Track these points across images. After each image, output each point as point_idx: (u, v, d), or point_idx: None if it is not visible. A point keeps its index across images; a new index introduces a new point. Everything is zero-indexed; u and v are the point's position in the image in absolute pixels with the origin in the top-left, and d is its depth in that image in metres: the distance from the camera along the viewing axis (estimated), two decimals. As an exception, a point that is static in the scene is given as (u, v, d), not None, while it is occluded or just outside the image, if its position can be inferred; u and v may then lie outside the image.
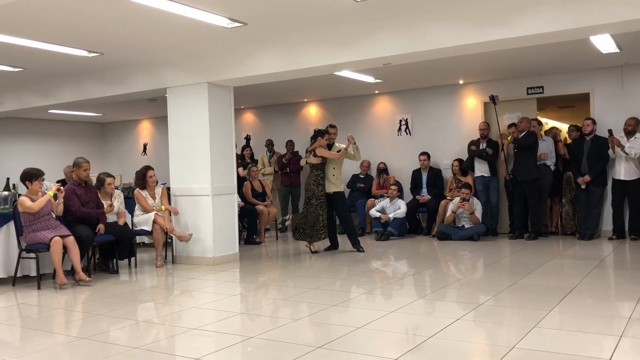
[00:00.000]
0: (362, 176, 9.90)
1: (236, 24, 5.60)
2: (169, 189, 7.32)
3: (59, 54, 6.55)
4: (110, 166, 12.95)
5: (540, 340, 3.47)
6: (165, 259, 7.15)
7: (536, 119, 8.57)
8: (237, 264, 6.91)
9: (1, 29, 5.57)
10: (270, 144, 10.69)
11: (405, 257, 7.21)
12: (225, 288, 5.64)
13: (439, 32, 5.31)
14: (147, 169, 7.21)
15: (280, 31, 6.04)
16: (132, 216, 7.14)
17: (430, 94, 9.68)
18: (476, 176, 8.81)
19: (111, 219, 6.58)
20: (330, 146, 7.53)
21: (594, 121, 8.04)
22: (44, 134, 12.83)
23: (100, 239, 6.25)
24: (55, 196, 5.83)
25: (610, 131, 7.70)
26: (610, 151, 7.84)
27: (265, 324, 4.13)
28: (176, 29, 5.78)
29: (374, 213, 8.90)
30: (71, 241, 5.72)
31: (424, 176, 9.32)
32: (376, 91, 10.00)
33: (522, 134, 8.06)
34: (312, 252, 7.48)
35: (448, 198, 8.84)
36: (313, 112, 10.93)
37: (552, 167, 8.29)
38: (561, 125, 10.87)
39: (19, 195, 6.04)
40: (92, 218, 6.23)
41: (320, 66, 6.09)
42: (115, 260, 6.53)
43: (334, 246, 7.69)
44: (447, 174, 9.35)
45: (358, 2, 5.10)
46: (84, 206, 6.18)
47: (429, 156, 9.30)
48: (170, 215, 6.99)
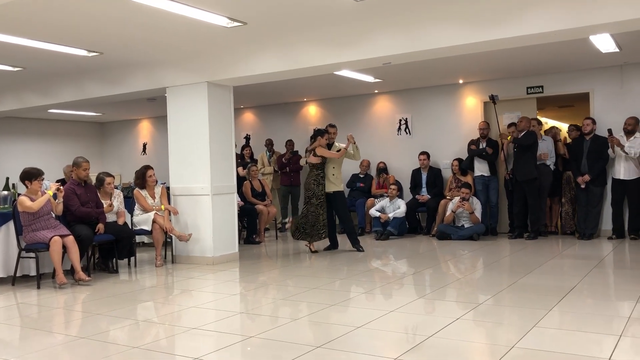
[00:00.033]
0: (361, 176, 9.90)
1: (236, 24, 5.60)
2: (168, 188, 7.32)
3: (59, 53, 6.55)
4: (110, 166, 12.94)
5: (540, 340, 3.48)
6: (165, 258, 7.15)
7: (536, 119, 8.57)
8: (237, 263, 6.91)
9: (1, 28, 5.57)
10: (269, 144, 10.69)
11: (404, 256, 7.22)
12: (225, 287, 5.64)
13: (438, 32, 5.31)
14: (146, 168, 7.21)
15: (279, 31, 6.04)
16: (132, 216, 7.14)
17: (430, 93, 9.67)
18: (476, 176, 8.81)
19: (111, 218, 6.58)
20: (330, 146, 7.53)
21: (593, 121, 8.04)
22: (43, 133, 12.82)
23: (100, 238, 6.25)
24: (54, 196, 5.83)
25: (610, 131, 7.70)
26: (610, 151, 7.85)
27: (264, 323, 4.14)
28: (176, 28, 5.78)
29: (373, 212, 8.90)
30: (71, 241, 5.72)
31: (424, 176, 9.32)
32: (376, 91, 10.00)
33: (522, 134, 8.06)
34: (312, 251, 7.48)
35: (448, 198, 8.84)
36: (313, 112, 10.93)
37: (552, 167, 8.29)
38: (561, 124, 10.86)
39: (19, 194, 6.04)
40: (91, 217, 6.23)
41: (319, 66, 6.09)
42: (114, 259, 6.53)
43: (333, 246, 7.69)
44: (447, 174, 9.34)
45: (357, 2, 5.10)
46: (83, 206, 6.18)
47: (428, 156, 9.30)
48: (169, 214, 7.00)
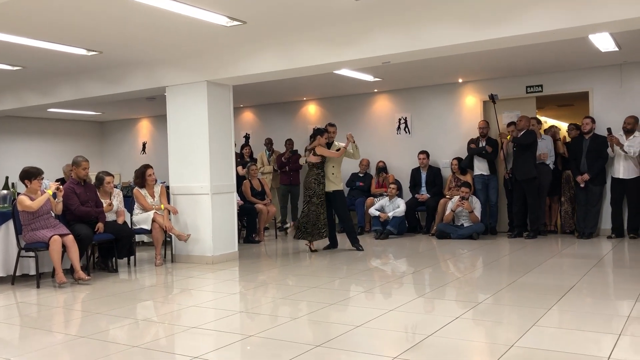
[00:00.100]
0: (361, 175, 9.90)
1: (235, 23, 5.60)
2: (168, 187, 7.32)
3: (58, 52, 6.55)
4: (110, 165, 12.94)
5: (539, 339, 3.48)
6: (165, 257, 7.15)
7: (535, 118, 8.57)
8: (237, 262, 6.91)
9: (0, 27, 5.57)
10: (269, 143, 10.69)
11: (404, 255, 7.22)
12: (225, 287, 5.64)
13: (438, 31, 5.31)
14: (146, 167, 7.21)
15: (279, 30, 6.03)
16: (131, 215, 7.14)
17: (430, 92, 9.67)
18: (475, 175, 8.81)
19: (110, 217, 6.59)
20: (329, 145, 7.53)
21: (593, 120, 8.04)
22: (43, 132, 12.81)
23: (100, 237, 6.25)
24: (54, 195, 5.83)
25: (609, 130, 7.70)
26: (610, 150, 7.85)
27: (264, 322, 4.14)
28: (175, 27, 5.78)
29: (373, 212, 8.90)
30: (70, 240, 5.72)
31: (423, 175, 9.32)
32: (375, 90, 10.00)
33: (521, 133, 8.06)
34: (312, 250, 7.49)
35: (447, 197, 8.84)
36: (312, 111, 10.93)
37: (551, 166, 8.29)
38: (560, 124, 10.86)
39: (18, 194, 6.04)
40: (91, 217, 6.24)
41: (319, 65, 6.09)
42: (114, 259, 6.53)
43: (333, 245, 7.69)
44: (447, 173, 9.35)
45: (357, 1, 5.09)
46: (83, 205, 6.18)
47: (428, 155, 9.30)
48: (169, 214, 7.00)
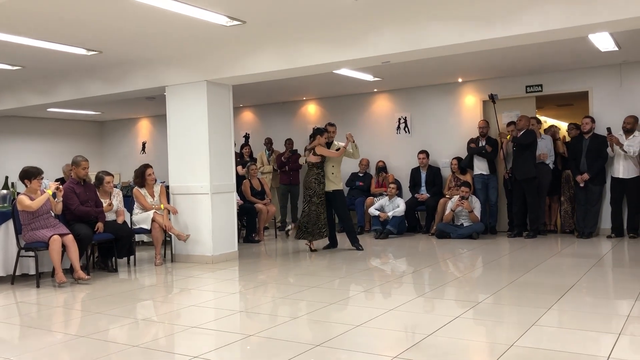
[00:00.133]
0: (361, 174, 9.90)
1: (235, 22, 5.60)
2: (167, 187, 7.32)
3: (58, 52, 6.55)
4: (109, 164, 12.93)
5: (539, 338, 3.48)
6: (164, 257, 7.15)
7: (535, 117, 8.57)
8: (236, 262, 6.91)
9: (0, 27, 5.57)
10: (269, 143, 10.69)
11: (404, 255, 7.22)
12: (224, 286, 5.64)
13: (437, 31, 5.31)
14: (145, 167, 7.21)
15: (279, 29, 6.03)
16: (131, 215, 7.14)
17: (429, 92, 9.67)
18: (475, 174, 8.81)
19: (110, 217, 6.59)
20: (329, 144, 7.53)
21: (592, 119, 8.04)
22: (42, 132, 12.81)
23: (99, 237, 6.25)
24: (54, 195, 5.83)
25: (609, 129, 7.70)
26: (609, 149, 7.85)
27: (264, 322, 4.14)
28: (175, 27, 5.78)
29: (372, 211, 8.90)
30: (70, 239, 5.72)
31: (423, 174, 9.32)
32: (375, 89, 9.99)
33: (521, 133, 8.06)
34: (312, 250, 7.49)
35: (447, 196, 8.84)
36: (312, 111, 10.92)
37: (551, 166, 8.29)
38: (560, 123, 10.87)
39: (18, 193, 6.04)
40: (91, 216, 6.23)
41: (318, 64, 6.08)
42: (114, 258, 6.53)
43: (332, 244, 7.69)
44: (446, 173, 9.35)
45: (357, 0, 5.09)
46: (82, 205, 6.18)
47: (427, 154, 9.30)
48: (169, 213, 7.00)
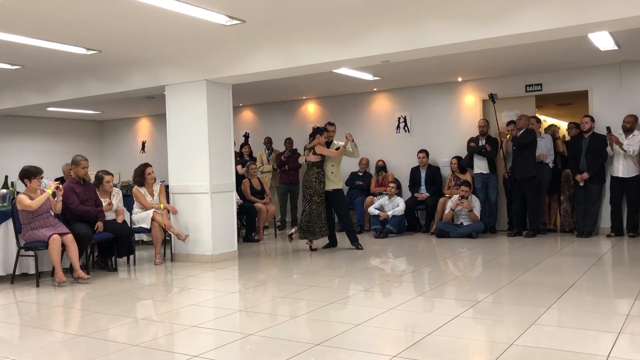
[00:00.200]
0: (360, 174, 9.90)
1: (234, 22, 5.60)
2: (167, 186, 7.32)
3: (57, 51, 6.55)
4: (109, 164, 12.92)
5: (539, 337, 3.48)
6: (164, 256, 7.14)
7: (535, 117, 8.57)
8: (236, 261, 6.91)
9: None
10: (268, 142, 10.69)
11: (403, 254, 7.22)
12: (224, 285, 5.64)
13: (437, 30, 5.31)
14: (145, 166, 7.21)
15: (278, 29, 6.03)
16: (131, 214, 7.13)
17: (429, 91, 9.67)
18: (475, 173, 8.81)
19: (110, 216, 6.59)
20: (328, 144, 7.53)
21: (592, 118, 8.03)
22: (42, 131, 12.81)
23: (99, 236, 6.25)
24: (54, 194, 5.83)
25: (608, 128, 7.71)
26: (609, 148, 7.85)
27: (263, 321, 4.14)
28: (175, 26, 5.77)
29: (372, 211, 8.90)
30: (70, 239, 5.72)
31: (423, 174, 9.32)
32: (375, 89, 9.99)
33: (521, 132, 8.06)
34: (312, 249, 7.49)
35: (447, 196, 8.85)
36: (312, 110, 10.92)
37: (551, 165, 8.29)
38: (560, 122, 10.87)
39: (18, 193, 6.03)
40: (90, 216, 6.23)
41: (318, 64, 6.08)
42: (113, 258, 6.53)
43: (332, 244, 7.69)
44: (446, 172, 9.35)
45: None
46: (82, 204, 6.18)
47: (427, 154, 9.30)
48: (168, 213, 7.00)
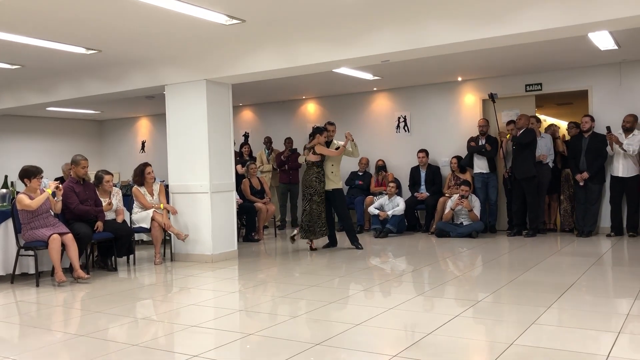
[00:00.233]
0: (360, 173, 9.90)
1: (234, 21, 5.59)
2: (167, 186, 7.32)
3: (57, 51, 6.54)
4: (109, 164, 12.92)
5: (539, 337, 3.48)
6: (164, 256, 7.14)
7: (535, 116, 8.57)
8: (236, 261, 6.91)
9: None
10: (268, 142, 10.68)
11: (403, 254, 7.22)
12: (224, 285, 5.64)
13: (437, 29, 5.31)
14: (145, 165, 7.21)
15: (278, 28, 6.03)
16: (131, 214, 7.13)
17: (429, 91, 9.67)
18: (475, 173, 8.81)
19: (109, 216, 6.59)
20: (328, 143, 7.53)
21: (592, 118, 8.03)
22: (42, 131, 12.80)
23: (99, 236, 6.25)
24: (53, 194, 5.82)
25: (608, 128, 7.71)
26: (609, 148, 7.85)
27: (263, 321, 4.14)
28: (175, 26, 5.77)
29: (372, 210, 8.90)
30: (69, 239, 5.72)
31: (423, 173, 9.32)
32: (375, 88, 9.99)
33: (521, 132, 8.05)
34: (312, 249, 7.49)
35: (447, 195, 8.85)
36: (311, 110, 10.92)
37: (551, 164, 8.29)
38: (560, 122, 10.87)
39: (18, 192, 6.03)
40: (90, 216, 6.23)
41: (318, 63, 6.08)
42: (113, 257, 6.53)
43: (332, 243, 7.69)
44: (446, 172, 9.34)
45: (356, -1, 5.10)
46: (82, 204, 6.18)
47: (427, 153, 9.30)
48: (168, 213, 6.99)
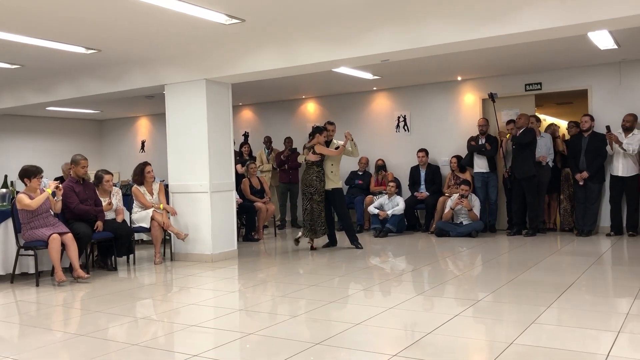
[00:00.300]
0: (360, 173, 9.90)
1: (234, 21, 5.59)
2: (167, 186, 7.32)
3: (57, 50, 6.54)
4: (109, 163, 12.92)
5: (539, 336, 3.48)
6: (164, 256, 7.14)
7: (534, 116, 8.57)
8: (236, 260, 6.91)
9: (-2, 25, 5.57)
10: (268, 141, 10.68)
11: (403, 253, 7.22)
12: (224, 285, 5.64)
13: (437, 29, 5.31)
14: (144, 164, 7.20)
15: (278, 28, 6.03)
16: (130, 213, 7.13)
17: (429, 90, 9.67)
18: (475, 172, 8.81)
19: (109, 216, 6.59)
20: (328, 143, 7.53)
21: (592, 117, 8.03)
22: (42, 131, 12.80)
23: (99, 236, 6.25)
24: (53, 193, 5.82)
25: (608, 127, 7.71)
26: (608, 147, 7.85)
27: (263, 320, 4.14)
28: (174, 25, 5.77)
29: (372, 210, 8.90)
30: (69, 238, 5.72)
31: (422, 173, 9.32)
32: (374, 88, 9.99)
33: (521, 131, 8.05)
34: (312, 249, 7.49)
35: (446, 195, 8.85)
36: (311, 109, 10.92)
37: (551, 164, 8.29)
38: (559, 121, 10.87)
39: (17, 192, 6.03)
40: (90, 215, 6.23)
41: (318, 63, 6.08)
42: (113, 257, 6.53)
43: (332, 243, 7.69)
44: (446, 171, 9.35)
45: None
46: (82, 203, 6.18)
47: (427, 153, 9.30)
48: (168, 213, 6.99)
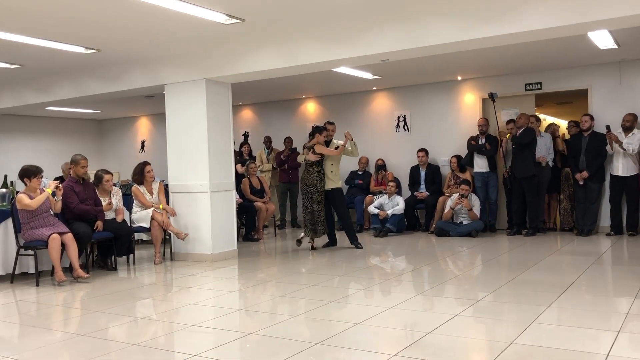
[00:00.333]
0: (360, 173, 9.90)
1: (234, 20, 5.59)
2: (167, 185, 7.32)
3: (57, 50, 6.54)
4: (108, 163, 12.93)
5: (539, 336, 3.48)
6: (164, 255, 7.14)
7: (534, 115, 8.57)
8: (236, 260, 6.91)
9: (-2, 25, 5.57)
10: (268, 141, 10.68)
11: (403, 253, 7.22)
12: (224, 285, 5.64)
13: (437, 29, 5.31)
14: (144, 164, 7.20)
15: (278, 27, 6.03)
16: (130, 213, 7.13)
17: (429, 90, 9.67)
18: (475, 172, 8.81)
19: (109, 215, 6.59)
20: (328, 143, 7.53)
21: (592, 117, 8.03)
22: (41, 131, 12.80)
23: (99, 236, 6.25)
24: (53, 193, 5.82)
25: (608, 127, 7.71)
26: (608, 147, 7.85)
27: (263, 320, 4.14)
28: (174, 25, 5.77)
29: (372, 209, 8.90)
30: (69, 238, 5.72)
31: (422, 173, 9.32)
32: (374, 87, 9.99)
33: (520, 131, 8.05)
34: (312, 248, 7.49)
35: (446, 194, 8.85)
36: (311, 109, 10.92)
37: (551, 164, 8.29)
38: (559, 121, 10.87)
39: (17, 192, 6.03)
40: (90, 215, 6.23)
41: (318, 62, 6.08)
42: (113, 257, 6.53)
43: (332, 243, 7.69)
44: (446, 171, 9.35)
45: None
46: (82, 203, 6.18)
47: (427, 152, 9.30)
48: (167, 213, 6.99)
